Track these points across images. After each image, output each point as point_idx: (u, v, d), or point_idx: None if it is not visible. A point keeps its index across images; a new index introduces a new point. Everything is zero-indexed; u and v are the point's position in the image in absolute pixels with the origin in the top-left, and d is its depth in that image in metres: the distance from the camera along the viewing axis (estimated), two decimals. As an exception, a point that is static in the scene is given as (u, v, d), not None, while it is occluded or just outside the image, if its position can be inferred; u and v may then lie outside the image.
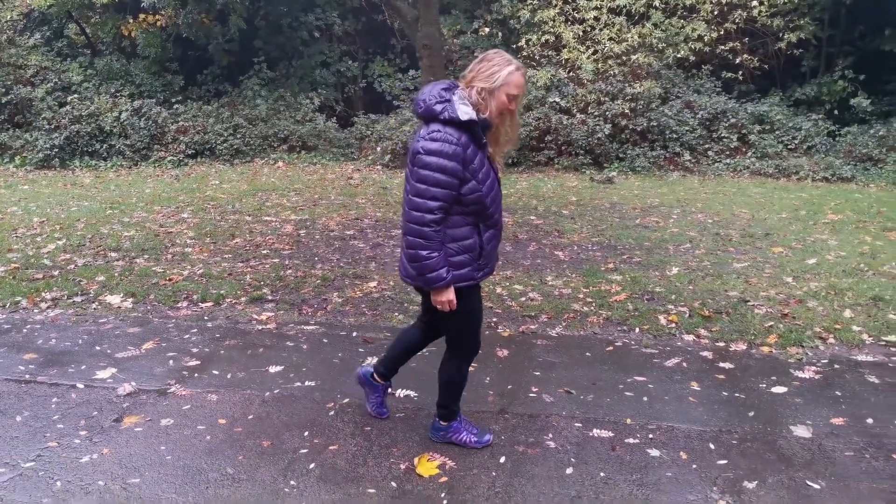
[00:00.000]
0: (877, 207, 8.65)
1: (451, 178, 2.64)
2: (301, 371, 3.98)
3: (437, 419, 3.22)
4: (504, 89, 2.68)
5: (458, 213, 2.74)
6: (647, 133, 12.28)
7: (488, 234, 2.85)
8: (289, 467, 3.04)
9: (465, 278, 2.81)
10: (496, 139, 2.88)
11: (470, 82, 2.73)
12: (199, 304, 5.13)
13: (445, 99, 2.68)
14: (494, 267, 3.03)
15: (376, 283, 5.58)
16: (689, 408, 3.57)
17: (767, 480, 2.94)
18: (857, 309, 4.90)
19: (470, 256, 2.81)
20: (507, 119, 2.82)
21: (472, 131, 2.67)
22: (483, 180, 2.74)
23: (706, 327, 4.61)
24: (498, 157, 2.94)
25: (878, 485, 2.90)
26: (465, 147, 2.65)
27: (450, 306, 2.80)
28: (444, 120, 2.65)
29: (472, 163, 2.68)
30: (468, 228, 2.78)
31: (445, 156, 2.62)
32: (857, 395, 3.69)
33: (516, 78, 2.70)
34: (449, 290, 2.77)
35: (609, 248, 6.72)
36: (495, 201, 2.84)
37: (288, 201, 8.93)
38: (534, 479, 2.96)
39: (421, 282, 2.79)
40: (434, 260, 2.69)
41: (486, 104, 2.69)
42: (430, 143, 2.64)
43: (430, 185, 2.64)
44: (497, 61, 2.71)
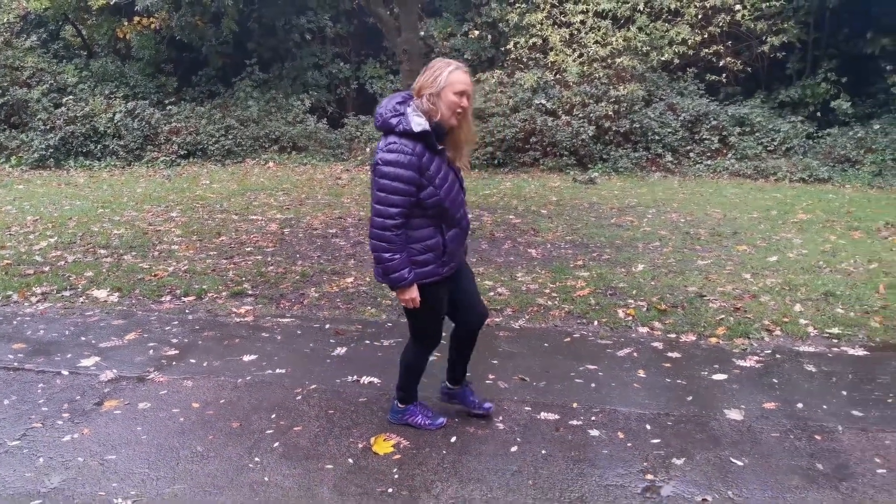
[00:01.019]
0: (847, 207, 8.90)
1: (408, 186, 2.85)
2: (273, 360, 4.23)
3: (396, 402, 3.47)
4: (449, 89, 2.86)
5: (419, 216, 2.95)
6: (630, 135, 12.55)
7: (451, 234, 3.06)
8: (254, 446, 3.29)
9: (430, 275, 3.03)
10: (455, 143, 3.07)
11: (419, 92, 2.92)
12: (182, 298, 5.38)
13: (400, 112, 2.88)
14: (461, 260, 3.25)
15: (353, 279, 5.83)
16: (632, 393, 3.82)
17: (695, 458, 3.19)
18: (807, 304, 5.16)
19: (434, 255, 3.02)
20: (462, 120, 3.02)
21: (426, 140, 2.88)
22: (440, 185, 2.94)
23: (661, 320, 4.86)
24: (460, 160, 3.14)
25: (798, 462, 3.15)
26: (420, 156, 2.85)
27: (413, 304, 3.03)
28: (399, 132, 2.86)
29: (429, 169, 2.89)
30: (431, 229, 3.00)
31: (402, 165, 2.83)
32: (792, 382, 3.95)
33: (457, 76, 2.88)
34: (412, 289, 2.99)
35: (581, 246, 6.97)
36: (455, 203, 3.04)
37: (275, 201, 9.18)
38: (480, 456, 3.21)
39: (386, 282, 3.01)
40: (396, 261, 2.91)
41: (436, 108, 2.88)
42: (387, 155, 2.85)
43: (389, 193, 2.85)
44: (438, 66, 2.92)
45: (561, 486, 2.99)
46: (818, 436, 3.36)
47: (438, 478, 3.05)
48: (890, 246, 6.89)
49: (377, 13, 6.94)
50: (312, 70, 15.74)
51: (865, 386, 3.89)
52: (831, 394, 3.79)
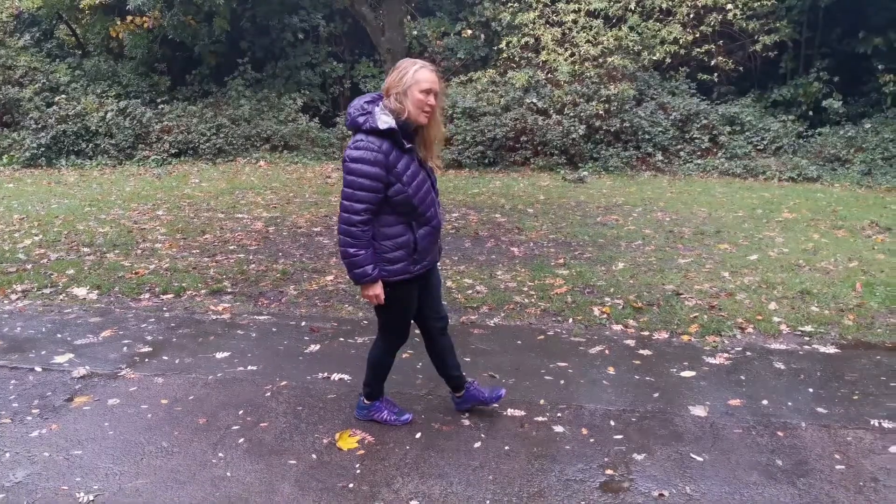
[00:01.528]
0: (833, 206, 8.93)
1: (374, 182, 2.88)
2: (246, 357, 4.26)
3: (362, 398, 3.50)
4: (415, 87, 2.88)
5: (389, 213, 2.98)
6: (621, 134, 12.56)
7: (422, 232, 3.08)
8: (220, 442, 3.32)
9: (400, 272, 3.06)
10: (425, 141, 3.10)
11: (388, 92, 2.95)
12: (161, 295, 5.41)
13: (367, 111, 2.92)
14: (434, 260, 3.27)
15: (333, 277, 5.86)
16: (600, 390, 3.85)
17: (656, 454, 3.21)
18: (783, 301, 5.18)
19: (405, 252, 3.04)
20: (432, 119, 3.04)
21: (392, 138, 2.90)
22: (409, 182, 2.96)
23: (635, 318, 4.88)
24: (432, 159, 3.17)
25: (758, 458, 3.18)
26: (386, 154, 2.88)
27: (376, 300, 3.06)
28: (366, 130, 2.90)
29: (396, 167, 2.91)
30: (402, 227, 3.02)
31: (368, 162, 2.86)
32: (760, 379, 3.97)
33: (423, 74, 2.90)
34: (375, 286, 3.01)
35: (564, 244, 6.99)
36: (425, 201, 3.06)
37: (263, 199, 9.21)
38: (443, 452, 3.24)
39: (350, 277, 3.03)
40: (361, 257, 2.94)
41: (403, 106, 2.90)
42: (354, 152, 2.89)
43: (355, 190, 2.89)
44: (404, 66, 2.95)
45: (520, 481, 3.01)
46: (780, 432, 3.38)
47: (400, 473, 3.07)
48: (872, 244, 6.91)
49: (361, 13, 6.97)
50: (306, 69, 15.76)
51: (833, 383, 3.91)
52: (798, 391, 3.81)
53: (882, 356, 4.27)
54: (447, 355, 3.46)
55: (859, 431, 3.39)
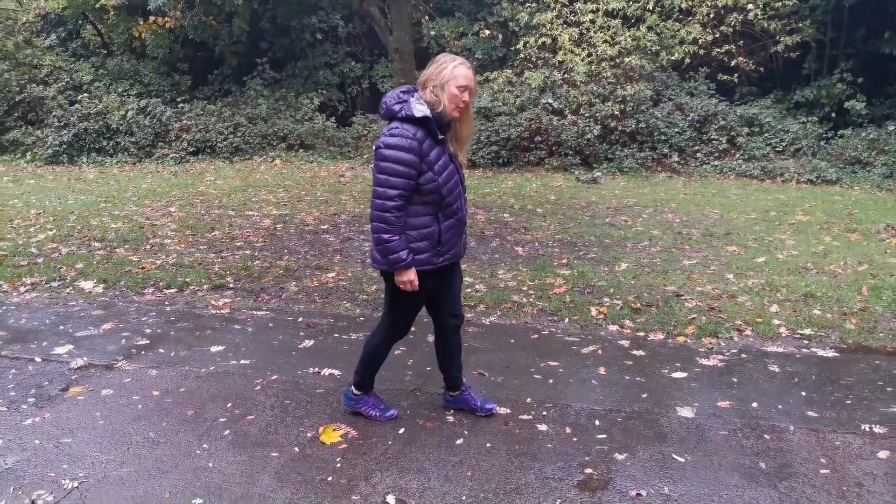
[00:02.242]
0: (850, 209, 8.77)
1: (408, 169, 2.93)
2: (240, 351, 4.31)
3: (351, 387, 3.51)
4: (452, 82, 2.96)
5: (418, 202, 3.02)
6: (637, 134, 12.47)
7: (447, 223, 3.11)
8: (206, 433, 3.36)
9: (423, 263, 3.08)
10: (457, 136, 3.16)
11: (424, 84, 3.03)
12: (164, 290, 5.49)
13: (403, 100, 3.01)
14: (458, 254, 3.29)
15: (335, 274, 5.90)
16: (588, 389, 3.83)
17: (638, 453, 3.19)
18: (785, 304, 5.10)
19: (429, 243, 3.08)
20: (464, 115, 3.10)
21: (427, 127, 2.97)
22: (440, 172, 3.01)
23: (633, 319, 4.85)
24: (461, 154, 3.23)
25: (741, 460, 3.14)
26: (420, 141, 2.94)
27: (411, 286, 3.07)
28: (401, 118, 2.96)
29: (429, 156, 2.97)
30: (428, 217, 3.06)
31: (402, 149, 2.92)
32: (752, 381, 3.92)
33: (461, 70, 2.97)
34: (410, 271, 3.03)
35: (569, 244, 6.97)
36: (453, 192, 3.10)
37: (274, 197, 9.31)
38: (424, 448, 3.25)
39: (385, 263, 3.06)
40: (395, 243, 2.97)
41: (439, 100, 2.98)
42: (389, 139, 2.94)
43: (389, 176, 2.93)
44: (443, 60, 3.02)
45: (499, 477, 3.02)
46: (767, 435, 3.34)
47: (379, 467, 3.09)
48: (885, 248, 6.78)
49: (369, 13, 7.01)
50: (324, 69, 15.88)
51: (827, 387, 3.85)
52: (790, 394, 3.76)
53: (881, 361, 4.19)
54: (455, 354, 3.49)
55: (849, 436, 3.33)
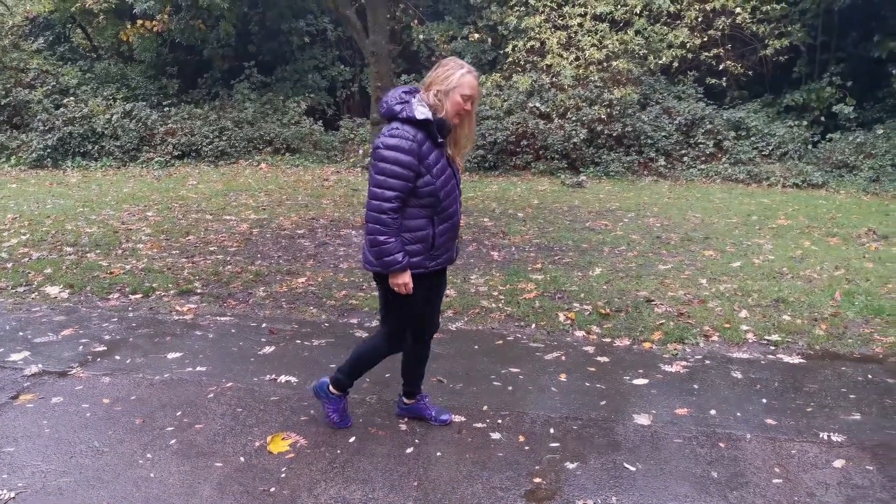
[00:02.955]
0: (832, 213, 8.73)
1: (406, 171, 2.89)
2: (197, 358, 4.25)
3: (328, 381, 3.38)
4: (458, 90, 2.92)
5: (414, 205, 2.98)
6: (623, 138, 12.42)
7: (442, 227, 3.07)
8: (151, 442, 3.30)
9: (416, 266, 3.04)
10: (456, 140, 3.12)
11: (428, 87, 2.98)
12: (130, 295, 5.43)
13: (404, 101, 2.97)
14: (451, 258, 3.26)
15: (305, 279, 5.84)
16: (547, 397, 3.77)
17: (589, 462, 3.13)
18: (755, 310, 5.05)
19: (423, 246, 3.04)
20: (465, 121, 3.06)
21: (427, 130, 2.93)
22: (437, 175, 2.97)
23: (600, 324, 4.80)
24: (459, 158, 3.18)
25: (693, 469, 3.08)
26: (420, 143, 2.91)
27: (405, 289, 3.02)
28: (402, 119, 2.93)
29: (427, 158, 2.93)
30: (423, 221, 3.02)
31: (402, 150, 2.88)
32: (713, 388, 3.87)
33: (468, 80, 2.94)
34: (405, 274, 2.99)
35: (546, 249, 6.91)
36: (450, 196, 3.06)
37: (255, 201, 9.25)
38: (373, 457, 3.19)
39: (379, 265, 3.01)
40: (391, 245, 2.93)
41: (442, 105, 2.94)
42: (388, 139, 2.91)
43: (387, 177, 2.89)
44: (451, 66, 2.97)
45: (445, 487, 2.96)
46: (722, 443, 3.28)
47: (324, 478, 3.03)
48: (863, 253, 6.73)
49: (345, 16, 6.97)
50: (313, 72, 15.83)
51: (789, 394, 3.80)
52: (750, 401, 3.71)
53: (847, 367, 4.14)
54: (420, 363, 3.45)
55: (806, 445, 3.28)
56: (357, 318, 5.00)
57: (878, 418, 3.53)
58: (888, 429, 3.42)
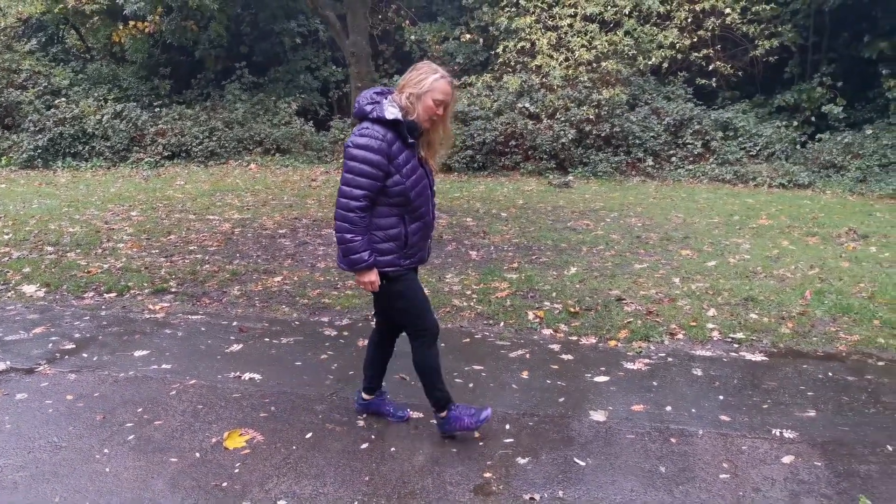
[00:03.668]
0: (815, 213, 8.75)
1: (375, 170, 2.91)
2: (164, 355, 4.29)
3: (437, 413, 3.31)
4: (430, 94, 2.94)
5: (384, 203, 3.00)
6: (612, 138, 12.46)
7: (414, 227, 3.08)
8: (110, 438, 3.34)
9: (389, 264, 3.07)
10: (430, 144, 3.13)
11: (402, 89, 3.00)
12: (105, 294, 5.47)
13: (375, 101, 2.98)
14: (424, 258, 3.27)
15: (281, 278, 5.88)
16: (507, 394, 3.81)
17: (540, 457, 3.17)
18: (724, 308, 5.08)
19: (395, 245, 3.06)
20: (438, 125, 3.07)
21: (397, 129, 2.95)
22: (408, 175, 2.98)
23: (568, 323, 4.83)
24: (432, 161, 3.19)
25: (642, 464, 3.11)
26: (390, 143, 2.92)
27: (372, 287, 3.07)
28: (372, 119, 2.94)
29: (397, 158, 2.95)
30: (395, 219, 3.04)
31: (371, 150, 2.90)
32: (672, 385, 3.90)
33: (441, 85, 2.95)
34: (371, 272, 3.02)
35: (524, 248, 6.95)
36: (421, 196, 3.07)
37: (240, 201, 9.29)
38: (327, 453, 3.22)
39: (346, 263, 3.04)
40: (357, 243, 2.96)
41: (414, 108, 2.96)
42: (358, 139, 2.93)
43: (356, 175, 2.92)
44: (424, 70, 2.99)
45: (396, 482, 2.99)
46: (674, 439, 3.32)
47: (277, 473, 3.07)
48: (841, 252, 6.76)
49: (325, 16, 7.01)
50: (305, 73, 15.89)
51: (747, 391, 3.83)
52: (707, 398, 3.74)
53: (809, 365, 4.17)
54: (385, 360, 3.49)
55: (757, 441, 3.31)
56: (328, 317, 5.03)
57: (833, 415, 3.56)
58: (841, 425, 3.46)
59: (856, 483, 2.97)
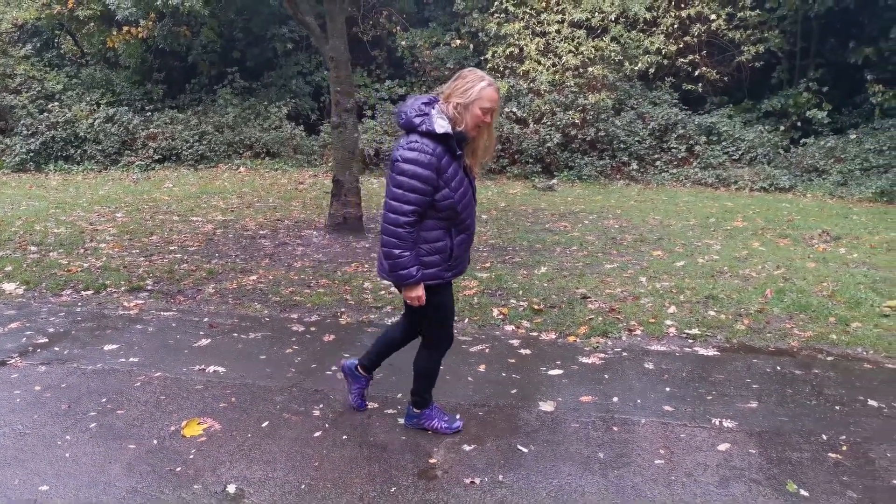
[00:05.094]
0: (792, 216, 8.88)
1: (425, 185, 2.89)
2: (133, 349, 4.41)
3: (411, 406, 3.44)
4: (478, 103, 2.92)
5: (431, 217, 2.99)
6: (597, 143, 12.61)
7: (459, 238, 3.09)
8: (72, 426, 3.46)
9: (434, 277, 3.06)
10: (474, 151, 3.11)
11: (448, 98, 2.97)
12: (82, 292, 5.60)
13: (424, 112, 2.94)
14: (465, 268, 3.27)
15: (257, 277, 6.01)
16: (462, 386, 3.93)
17: (485, 444, 3.29)
18: (684, 306, 5.21)
19: (441, 258, 3.05)
20: (483, 132, 3.06)
21: (447, 143, 2.92)
22: (456, 188, 2.97)
23: (531, 319, 4.95)
24: (476, 168, 3.22)
25: (582, 450, 3.23)
26: (439, 157, 2.90)
27: (418, 302, 3.06)
28: (421, 132, 2.91)
29: (446, 172, 2.93)
30: (441, 232, 3.03)
31: (421, 164, 2.87)
32: (622, 378, 4.02)
33: (488, 93, 2.93)
34: (418, 287, 3.02)
35: (499, 249, 7.08)
36: (467, 208, 3.07)
37: (225, 203, 9.43)
38: (281, 440, 3.35)
39: (393, 278, 3.04)
40: (406, 259, 2.95)
41: (462, 118, 2.93)
42: (407, 153, 2.90)
43: (406, 191, 2.89)
44: (471, 78, 2.95)
45: (344, 468, 3.11)
46: (616, 427, 3.44)
47: (230, 459, 3.19)
48: (810, 253, 6.88)
49: (304, 21, 7.14)
50: (297, 78, 16.05)
51: (694, 384, 3.95)
52: (654, 390, 3.86)
53: (759, 360, 4.29)
54: (391, 350, 3.53)
55: (696, 429, 3.43)
56: (297, 314, 5.16)
57: (774, 406, 3.68)
58: (780, 416, 3.58)
59: (786, 469, 3.09)
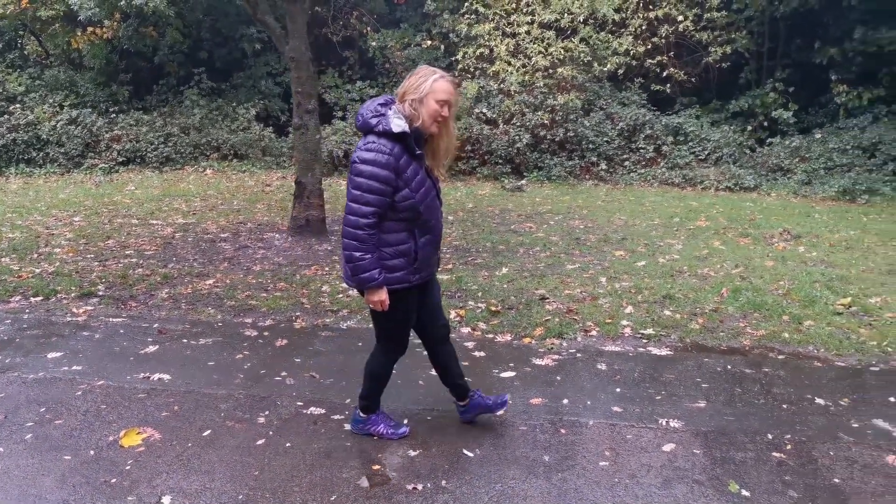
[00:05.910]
0: (754, 215, 8.96)
1: (384, 186, 2.84)
2: (77, 357, 4.31)
3: (358, 411, 3.38)
4: (431, 96, 2.87)
5: (393, 219, 2.93)
6: (566, 143, 12.64)
7: (423, 240, 3.02)
8: (7, 437, 3.36)
9: (399, 280, 2.99)
10: (434, 152, 3.07)
11: (403, 96, 2.93)
12: (31, 298, 5.47)
13: (381, 113, 2.90)
14: (432, 272, 3.20)
15: (213, 281, 5.91)
16: (412, 390, 3.89)
17: (431, 449, 3.25)
18: (641, 306, 5.21)
19: (405, 261, 2.98)
20: (443, 132, 3.01)
21: (405, 142, 2.88)
22: (416, 188, 2.91)
23: (488, 321, 4.92)
24: (438, 169, 3.14)
25: (528, 453, 3.21)
26: (398, 157, 2.85)
27: (381, 306, 2.98)
28: (378, 132, 2.86)
29: (406, 172, 2.88)
30: (404, 234, 2.97)
31: (379, 165, 2.82)
32: (574, 379, 4.00)
33: (441, 84, 2.89)
34: (381, 291, 2.95)
35: (462, 250, 7.04)
36: (430, 209, 3.01)
37: (187, 206, 9.29)
38: (222, 449, 3.27)
39: (355, 282, 2.98)
40: (367, 261, 2.88)
41: (418, 113, 2.89)
42: (365, 154, 2.85)
43: (364, 192, 2.84)
44: (423, 73, 2.92)
45: (285, 477, 3.05)
46: (564, 430, 3.41)
47: (168, 469, 3.11)
48: (769, 252, 6.94)
49: (263, 21, 7.06)
50: (266, 79, 15.90)
51: (644, 384, 3.94)
52: (605, 391, 3.85)
53: (710, 359, 4.30)
54: (450, 363, 3.38)
55: (643, 430, 3.42)
56: (251, 318, 5.08)
57: (722, 406, 3.68)
58: (727, 415, 3.58)
59: (729, 469, 3.09)
